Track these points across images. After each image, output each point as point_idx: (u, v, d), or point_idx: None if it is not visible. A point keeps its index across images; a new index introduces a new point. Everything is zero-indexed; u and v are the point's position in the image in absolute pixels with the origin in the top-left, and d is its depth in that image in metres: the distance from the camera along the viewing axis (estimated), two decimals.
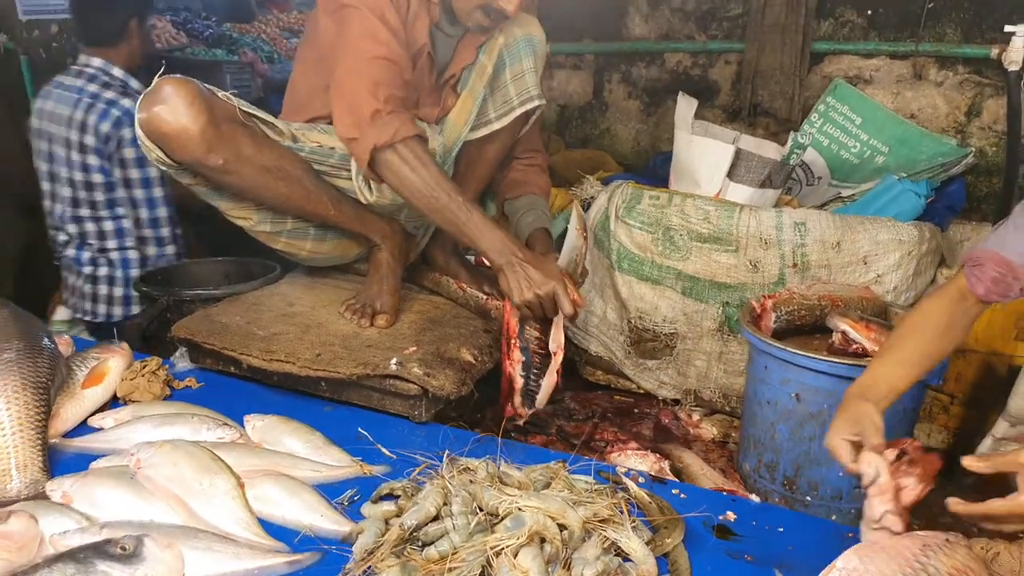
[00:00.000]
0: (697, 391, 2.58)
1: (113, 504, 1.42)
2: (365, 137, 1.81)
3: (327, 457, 1.68)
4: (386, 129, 1.80)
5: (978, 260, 1.62)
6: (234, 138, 1.84)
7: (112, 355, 1.95)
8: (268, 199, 1.99)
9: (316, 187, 1.98)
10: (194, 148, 1.79)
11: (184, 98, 1.76)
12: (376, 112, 1.80)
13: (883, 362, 1.58)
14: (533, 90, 2.15)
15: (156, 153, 1.83)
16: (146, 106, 1.78)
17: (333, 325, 2.07)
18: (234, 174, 1.87)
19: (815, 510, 2.00)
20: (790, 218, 2.39)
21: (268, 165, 1.89)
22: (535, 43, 2.15)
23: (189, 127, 1.76)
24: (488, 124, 2.17)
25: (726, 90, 3.32)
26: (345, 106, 1.85)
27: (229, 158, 1.83)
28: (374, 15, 1.82)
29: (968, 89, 2.90)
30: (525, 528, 1.28)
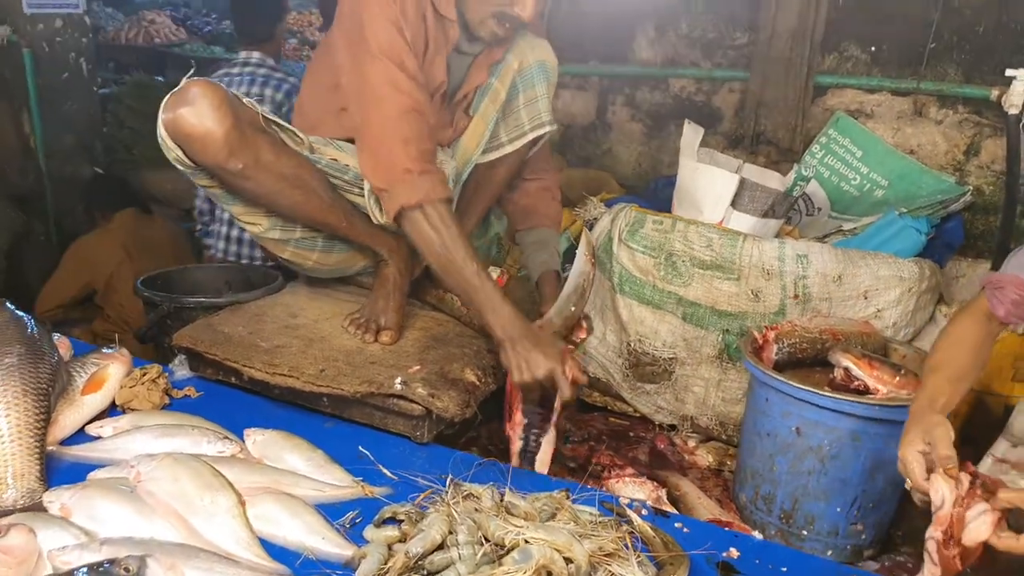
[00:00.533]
0: (694, 418, 2.58)
1: (113, 519, 1.39)
2: (395, 195, 1.84)
3: (329, 476, 1.66)
4: (416, 190, 1.83)
5: (999, 283, 1.69)
6: (255, 144, 1.83)
7: (112, 361, 1.92)
8: (283, 206, 1.98)
9: (331, 198, 1.97)
10: (216, 152, 1.78)
11: (212, 101, 1.75)
12: (408, 171, 1.83)
13: (937, 379, 1.62)
14: (545, 116, 2.16)
15: (176, 153, 1.82)
16: (172, 107, 1.77)
17: (336, 339, 2.06)
18: (252, 180, 1.86)
19: (811, 545, 2.01)
20: (793, 249, 2.41)
21: (286, 173, 1.89)
22: (548, 69, 2.15)
23: (214, 130, 1.75)
24: (500, 147, 2.18)
25: (729, 117, 3.34)
26: (376, 159, 1.88)
27: (249, 163, 1.82)
28: (394, 64, 1.83)
29: (967, 128, 2.94)
30: (532, 561, 1.27)
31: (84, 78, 4.07)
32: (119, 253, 3.46)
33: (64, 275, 3.50)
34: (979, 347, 1.70)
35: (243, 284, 2.63)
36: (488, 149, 2.16)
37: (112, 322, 3.40)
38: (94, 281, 3.46)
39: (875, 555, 2.06)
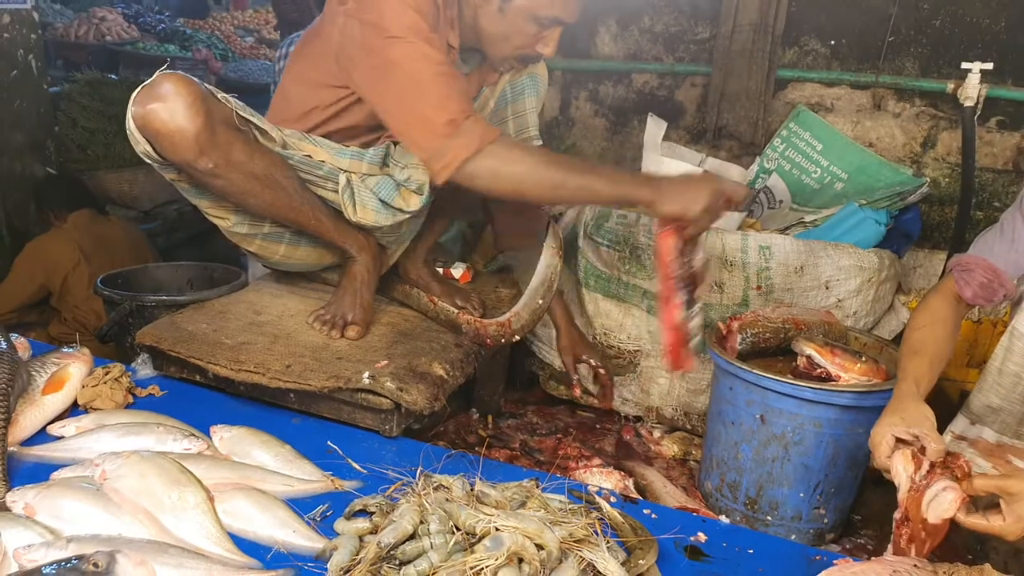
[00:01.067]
0: (659, 408, 2.61)
1: (79, 517, 1.37)
2: (448, 150, 1.74)
3: (298, 471, 1.65)
4: (470, 137, 1.73)
5: (967, 265, 1.75)
6: (227, 143, 1.79)
7: (72, 360, 1.89)
8: (252, 205, 1.95)
9: (300, 197, 1.95)
10: (186, 151, 1.74)
11: (184, 99, 1.70)
12: (452, 122, 1.73)
13: (920, 362, 1.67)
14: (532, 130, 2.16)
15: (144, 147, 1.77)
16: (143, 101, 1.72)
17: (302, 336, 2.04)
18: (222, 178, 1.82)
19: (775, 530, 2.05)
20: (755, 241, 2.44)
21: (257, 172, 1.85)
22: (539, 83, 2.15)
23: (185, 128, 1.71)
24: None
25: (691, 112, 3.38)
26: (413, 128, 1.79)
27: (220, 163, 1.78)
28: (420, 39, 1.76)
29: (924, 121, 3.01)
30: (504, 548, 1.28)
31: (33, 76, 3.98)
32: (74, 254, 3.39)
33: (17, 277, 3.42)
34: (953, 328, 1.76)
35: (206, 282, 2.60)
36: None
37: (68, 325, 3.34)
38: (49, 283, 3.39)
39: (837, 538, 2.10)
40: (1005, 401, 1.91)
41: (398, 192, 2.03)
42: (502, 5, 1.84)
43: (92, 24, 7.02)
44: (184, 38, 7.49)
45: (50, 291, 3.41)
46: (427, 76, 1.76)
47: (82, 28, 6.98)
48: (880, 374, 2.00)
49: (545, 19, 1.84)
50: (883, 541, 2.11)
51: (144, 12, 7.96)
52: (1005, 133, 2.88)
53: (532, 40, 1.88)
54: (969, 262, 1.80)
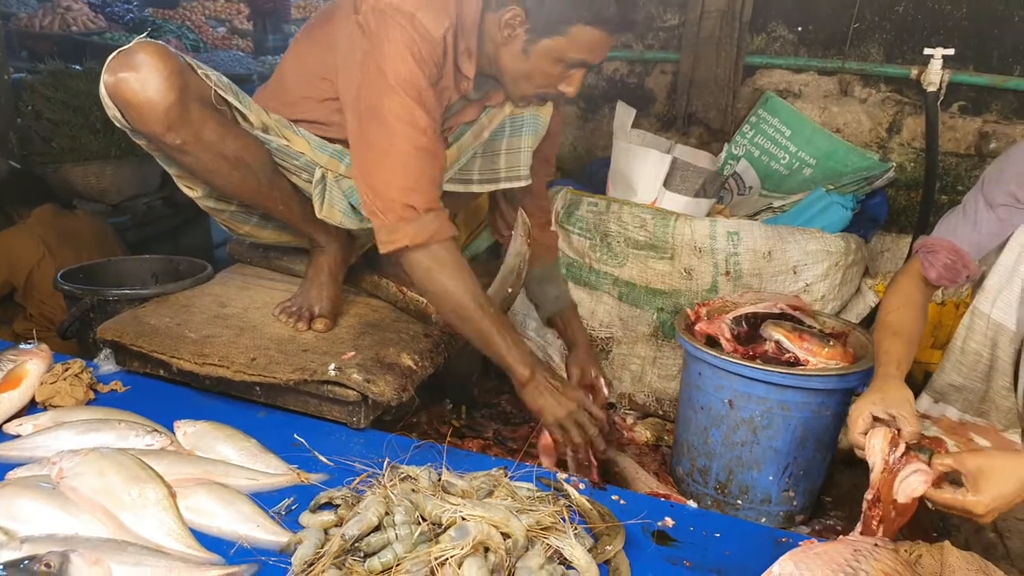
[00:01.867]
0: (631, 395, 2.62)
1: (34, 517, 1.35)
2: (397, 231, 1.74)
3: (263, 465, 1.63)
4: (420, 229, 1.73)
5: (932, 247, 1.78)
6: (199, 121, 1.74)
7: (30, 357, 1.86)
8: (217, 184, 1.90)
9: (270, 182, 1.90)
10: (154, 123, 1.69)
11: (159, 71, 1.65)
12: (410, 208, 1.72)
13: (899, 343, 1.69)
14: (523, 170, 2.11)
15: (114, 112, 1.73)
16: (115, 68, 1.67)
17: (268, 328, 2.02)
18: (190, 155, 1.78)
19: (745, 513, 2.06)
20: (723, 227, 2.44)
21: (227, 153, 1.81)
22: (539, 124, 2.10)
23: (155, 101, 1.66)
24: (468, 184, 2.12)
25: (661, 99, 3.37)
26: (377, 188, 1.75)
27: (188, 140, 1.74)
28: (412, 98, 1.71)
29: (889, 107, 3.03)
30: (469, 538, 1.28)
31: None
32: (38, 248, 3.32)
33: None
34: (923, 309, 1.80)
35: (171, 275, 2.57)
36: (456, 180, 2.09)
37: (34, 321, 3.28)
38: (13, 278, 3.33)
39: (806, 520, 2.12)
40: (967, 379, 1.93)
41: None
42: (527, 47, 1.78)
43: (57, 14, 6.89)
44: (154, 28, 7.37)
45: (14, 287, 3.35)
46: (407, 147, 1.72)
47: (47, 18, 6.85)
48: (847, 358, 2.02)
49: (572, 61, 1.80)
50: (852, 522, 2.11)
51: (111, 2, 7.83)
52: (967, 118, 2.91)
53: (555, 80, 1.84)
54: (934, 244, 1.82)
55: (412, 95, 1.71)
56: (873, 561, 1.26)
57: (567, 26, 1.73)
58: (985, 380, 1.91)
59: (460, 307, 1.78)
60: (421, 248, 1.75)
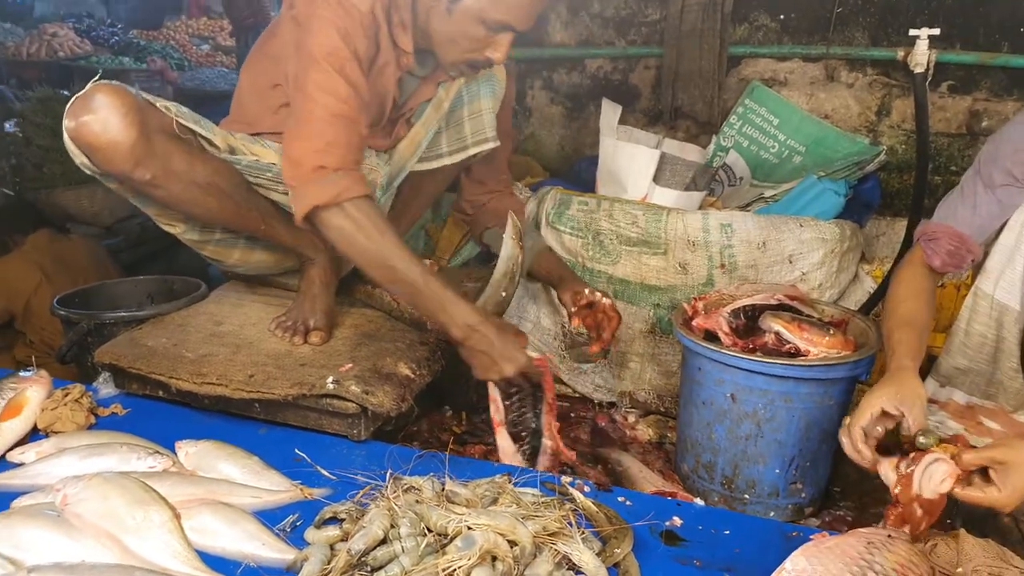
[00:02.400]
0: (632, 393, 2.61)
1: (39, 545, 1.34)
2: (305, 195, 1.73)
3: (265, 482, 1.63)
4: (329, 188, 1.71)
5: (933, 234, 1.76)
6: (166, 153, 1.76)
7: (30, 384, 1.85)
8: (196, 214, 1.93)
9: (247, 203, 1.92)
10: (121, 163, 1.71)
11: (117, 110, 1.67)
12: (320, 168, 1.71)
13: (911, 334, 1.68)
14: (489, 131, 2.14)
15: (81, 159, 1.75)
16: (75, 113, 1.70)
17: (264, 344, 2.01)
18: (162, 188, 1.80)
19: (753, 508, 2.05)
20: (716, 220, 2.44)
21: (199, 181, 1.83)
22: (495, 83, 2.13)
23: (119, 141, 1.68)
24: (439, 158, 2.15)
25: (647, 94, 3.37)
26: (291, 156, 1.77)
27: (158, 174, 1.76)
28: (334, 69, 1.74)
29: (877, 90, 3.03)
30: (476, 547, 1.27)
31: None
32: (35, 275, 3.32)
33: None
34: (930, 298, 1.79)
35: (166, 295, 2.56)
36: (427, 158, 2.12)
37: (34, 347, 3.27)
38: (11, 306, 3.32)
39: (815, 512, 2.11)
40: (972, 362, 1.92)
41: None
42: (450, 5, 1.80)
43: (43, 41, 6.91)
44: (138, 49, 7.39)
45: (13, 315, 3.35)
46: (324, 114, 1.74)
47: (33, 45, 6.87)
48: (848, 346, 2.01)
49: (492, 23, 1.80)
50: (862, 512, 2.13)
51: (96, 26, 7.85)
52: (957, 97, 2.91)
53: (480, 44, 1.84)
54: (935, 231, 1.81)
55: (335, 66, 1.74)
56: (887, 553, 1.25)
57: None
58: (991, 362, 1.90)
59: (382, 267, 1.76)
60: (332, 208, 1.72)
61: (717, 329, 2.10)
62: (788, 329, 2.03)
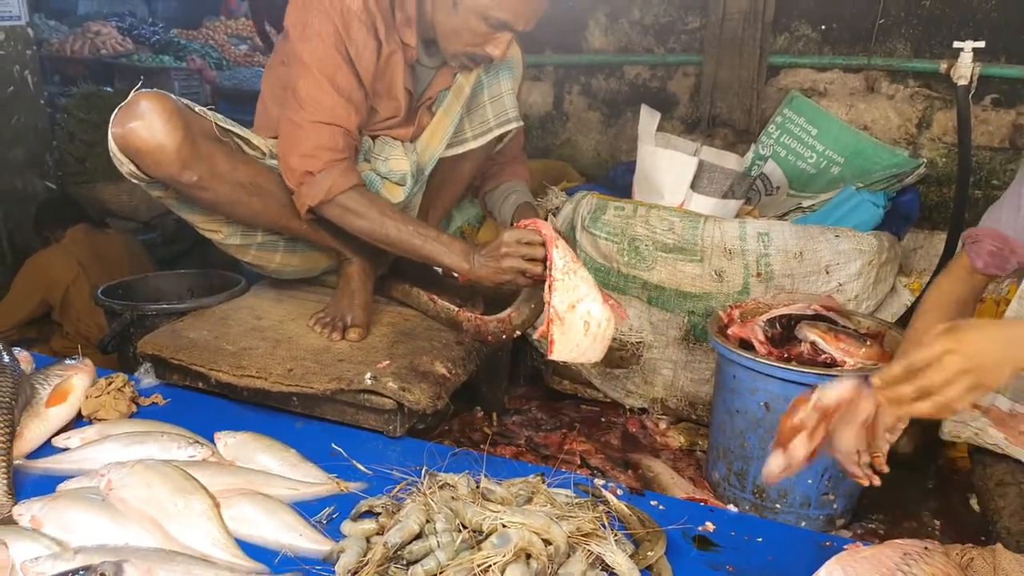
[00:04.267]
0: (664, 399, 2.61)
1: (85, 528, 1.38)
2: (301, 196, 1.89)
3: (303, 474, 1.65)
4: (318, 188, 1.86)
5: (976, 237, 1.77)
6: (210, 155, 1.82)
7: (75, 372, 1.89)
8: (240, 214, 1.97)
9: (290, 203, 1.96)
10: (169, 165, 1.76)
11: (161, 115, 1.73)
12: (307, 174, 1.86)
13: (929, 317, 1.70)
14: (511, 112, 2.16)
15: (128, 167, 1.80)
16: (121, 121, 1.75)
17: (303, 339, 2.04)
18: (208, 190, 1.85)
19: (784, 518, 2.04)
20: (753, 228, 2.43)
21: (243, 181, 1.89)
22: (513, 65, 2.15)
23: (165, 144, 1.74)
24: (464, 143, 2.17)
25: (684, 102, 3.37)
26: (285, 163, 1.90)
27: (204, 175, 1.81)
28: (324, 77, 1.83)
29: (918, 102, 3.00)
30: (511, 544, 1.28)
31: (30, 91, 3.99)
32: (74, 268, 3.40)
33: (18, 294, 3.43)
34: (962, 305, 1.77)
35: (206, 289, 2.60)
36: (453, 144, 2.15)
37: (70, 339, 3.35)
38: (49, 297, 3.41)
39: (847, 523, 2.10)
40: None
41: (382, 185, 2.06)
42: (456, 0, 1.85)
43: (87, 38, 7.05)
44: (178, 48, 7.50)
45: (51, 306, 3.42)
46: (312, 120, 1.85)
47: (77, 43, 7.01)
48: (885, 358, 2.00)
49: (494, 21, 1.85)
50: (894, 526, 2.12)
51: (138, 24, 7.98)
52: (1000, 111, 2.87)
53: (482, 40, 1.89)
54: (978, 233, 1.81)
55: (325, 73, 1.83)
56: (924, 565, 1.25)
57: None
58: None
59: (383, 239, 1.90)
60: (328, 203, 1.88)
61: (752, 338, 2.09)
62: (824, 339, 2.02)
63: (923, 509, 2.21)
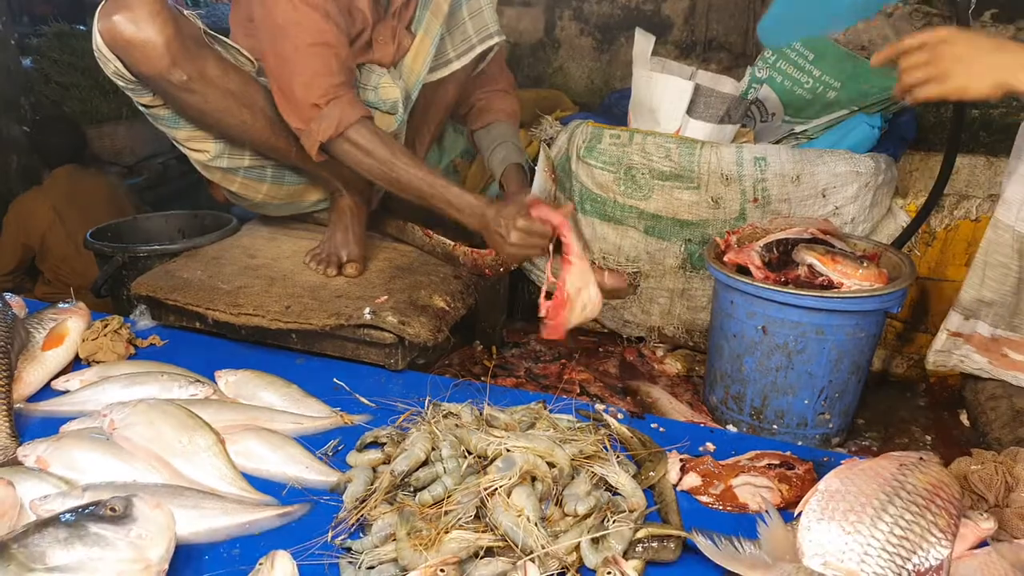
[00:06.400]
0: (660, 328, 2.62)
1: (92, 466, 1.39)
2: (310, 133, 1.80)
3: (306, 409, 1.66)
4: (328, 122, 1.79)
5: None
6: (200, 56, 1.76)
7: (70, 315, 1.88)
8: (230, 126, 1.90)
9: (279, 122, 1.90)
10: (157, 60, 1.70)
11: (148, 7, 1.66)
12: (315, 107, 1.78)
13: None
14: (492, 26, 2.10)
15: (114, 65, 1.74)
16: (107, 13, 1.68)
17: (299, 276, 2.03)
18: (197, 94, 1.78)
19: (782, 438, 2.06)
20: (750, 153, 2.40)
21: (233, 89, 1.82)
22: None
23: (153, 38, 1.67)
24: (448, 64, 2.11)
25: (679, 25, 3.30)
26: (284, 100, 1.82)
27: (193, 76, 1.75)
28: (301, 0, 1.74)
29: (917, 19, 2.94)
30: (516, 468, 1.30)
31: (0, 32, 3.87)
32: (48, 214, 3.36)
33: (6, 239, 3.40)
34: None
35: (197, 230, 2.57)
36: (435, 67, 2.09)
37: (52, 285, 3.32)
38: (30, 243, 3.37)
39: (842, 442, 2.13)
40: (996, 294, 1.90)
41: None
42: None
43: None
44: None
45: (34, 250, 3.39)
46: (302, 47, 1.76)
47: None
48: (882, 278, 2.00)
49: None
50: (887, 443, 2.15)
51: None
52: (1000, 26, 2.82)
53: None
54: None
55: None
56: (920, 474, 1.26)
57: None
58: (1015, 293, 1.88)
59: (390, 181, 1.84)
60: (337, 139, 1.81)
61: (749, 263, 2.09)
62: (822, 261, 2.02)
63: (914, 426, 2.25)
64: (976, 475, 1.35)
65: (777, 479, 1.44)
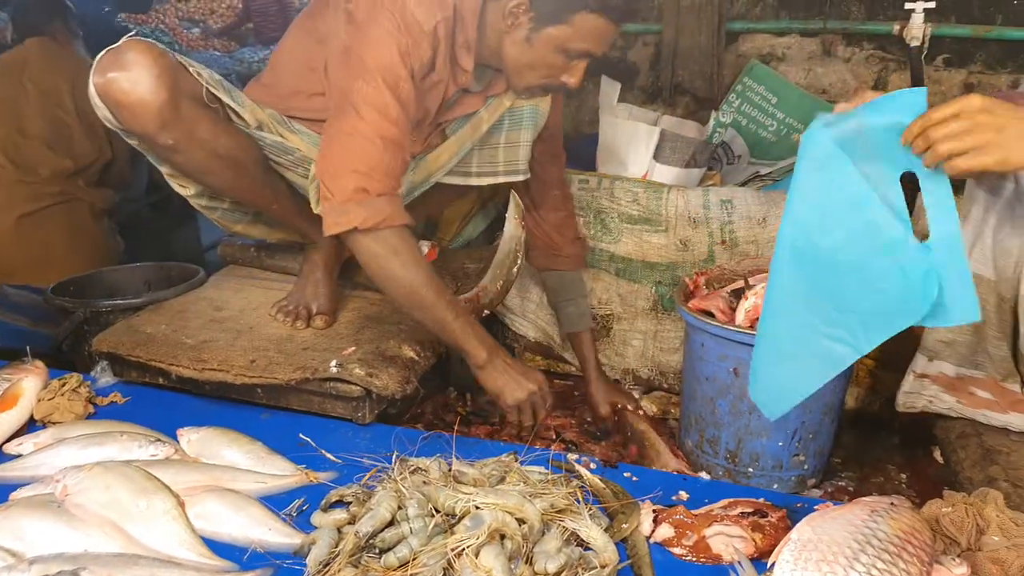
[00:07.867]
0: (635, 370, 2.61)
1: (41, 537, 1.32)
2: (347, 213, 1.66)
3: (270, 467, 1.62)
4: (372, 211, 1.65)
5: None
6: (192, 120, 1.71)
7: (25, 374, 1.83)
8: (210, 182, 1.88)
9: (263, 180, 1.88)
10: (147, 123, 1.66)
11: (149, 69, 1.62)
12: (363, 190, 1.65)
13: None
14: (522, 164, 2.09)
15: (104, 113, 1.70)
16: (105, 68, 1.64)
17: (265, 329, 2.00)
18: (182, 154, 1.75)
19: (757, 481, 2.05)
20: (716, 196, 2.43)
21: (221, 152, 1.78)
22: (539, 115, 2.07)
23: (147, 101, 1.63)
24: (467, 176, 2.10)
25: (645, 71, 3.34)
26: (332, 169, 1.69)
27: (181, 140, 1.71)
28: (388, 87, 1.66)
29: (874, 64, 3.01)
30: (484, 526, 1.26)
31: None
32: None
33: None
34: None
35: (163, 282, 2.54)
36: (454, 172, 2.07)
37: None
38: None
39: (818, 483, 2.11)
40: (956, 333, 1.91)
41: None
42: (530, 35, 1.76)
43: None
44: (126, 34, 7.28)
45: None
46: (371, 134, 1.66)
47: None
48: None
49: (574, 52, 1.78)
50: (863, 482, 2.14)
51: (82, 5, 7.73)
52: (952, 70, 2.90)
53: (559, 71, 1.82)
54: None
55: (389, 83, 1.67)
56: (891, 520, 1.25)
57: (571, 14, 1.72)
58: (974, 332, 1.90)
59: (413, 295, 1.73)
60: (371, 232, 1.67)
61: (715, 309, 2.09)
62: None
63: (889, 464, 2.24)
64: (947, 518, 1.34)
65: (750, 528, 1.41)
